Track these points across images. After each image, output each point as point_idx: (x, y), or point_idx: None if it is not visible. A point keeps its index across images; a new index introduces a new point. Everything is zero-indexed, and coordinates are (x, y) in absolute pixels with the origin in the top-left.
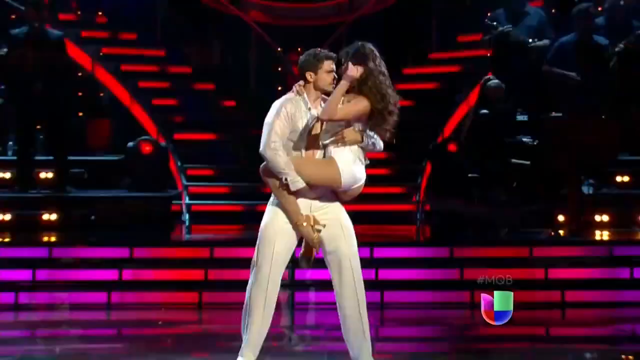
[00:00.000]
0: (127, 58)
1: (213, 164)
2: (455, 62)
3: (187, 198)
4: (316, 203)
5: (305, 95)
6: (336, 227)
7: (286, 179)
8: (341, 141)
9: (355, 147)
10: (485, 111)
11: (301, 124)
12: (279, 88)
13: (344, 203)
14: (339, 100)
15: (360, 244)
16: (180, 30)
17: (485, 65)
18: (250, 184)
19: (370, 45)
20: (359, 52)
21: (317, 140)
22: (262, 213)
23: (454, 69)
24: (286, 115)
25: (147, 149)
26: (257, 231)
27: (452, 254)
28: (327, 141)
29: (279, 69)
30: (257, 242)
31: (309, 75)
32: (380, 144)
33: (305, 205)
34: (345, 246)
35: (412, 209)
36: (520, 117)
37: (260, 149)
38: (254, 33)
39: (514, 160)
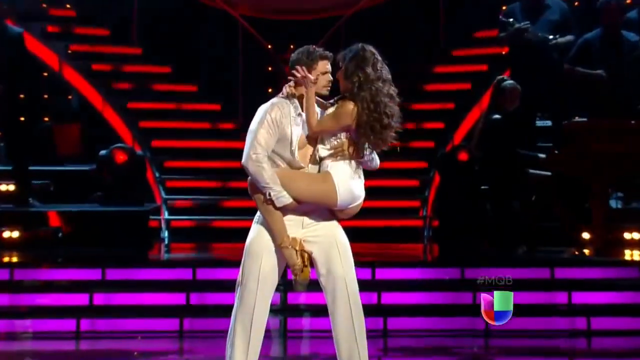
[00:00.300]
0: (99, 56)
1: (195, 174)
2: (471, 60)
3: (166, 213)
4: (308, 219)
5: (295, 98)
6: (331, 245)
7: (270, 194)
8: (340, 155)
9: (353, 162)
10: (497, 116)
11: (290, 132)
12: (270, 90)
13: (339, 220)
14: (313, 113)
15: (360, 265)
16: (159, 26)
17: (503, 64)
18: (236, 197)
19: (371, 48)
20: (357, 55)
21: (309, 150)
22: (248, 229)
23: (468, 67)
24: (271, 123)
25: (121, 158)
26: (243, 249)
27: (464, 276)
28: (325, 154)
29: (270, 68)
30: (242, 259)
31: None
32: (377, 160)
33: (295, 221)
34: (341, 267)
35: (418, 225)
36: (540, 123)
37: (242, 160)
38: (242, 29)
39: (531, 171)
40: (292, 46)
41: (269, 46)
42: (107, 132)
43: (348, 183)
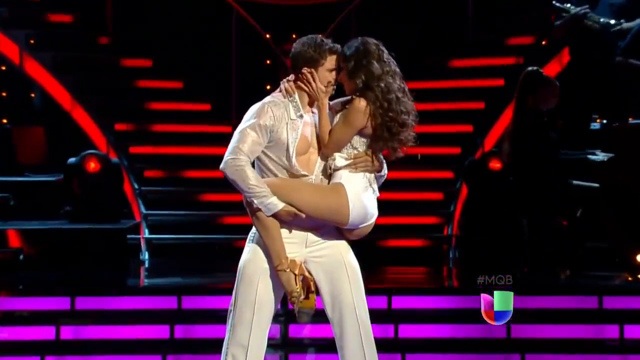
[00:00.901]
0: (66, 47)
1: (181, 186)
2: (505, 52)
3: (146, 231)
4: (313, 236)
5: (296, 96)
6: (339, 267)
7: (255, 201)
8: (360, 165)
9: (371, 175)
10: (532, 117)
11: (287, 136)
12: (268, 87)
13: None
14: (327, 128)
15: (373, 292)
16: (137, 10)
17: (543, 56)
18: (228, 212)
19: (373, 41)
20: (359, 50)
21: (313, 157)
22: (241, 250)
23: (500, 60)
24: (260, 127)
25: (93, 166)
26: (236, 272)
27: None
28: (342, 164)
29: (268, 61)
30: (235, 283)
31: (308, 72)
32: (385, 170)
33: (298, 239)
34: (351, 294)
35: (442, 246)
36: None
37: (220, 166)
38: (235, 14)
39: (576, 182)
40: (294, 35)
41: (267, 35)
42: (77, 136)
43: (362, 199)
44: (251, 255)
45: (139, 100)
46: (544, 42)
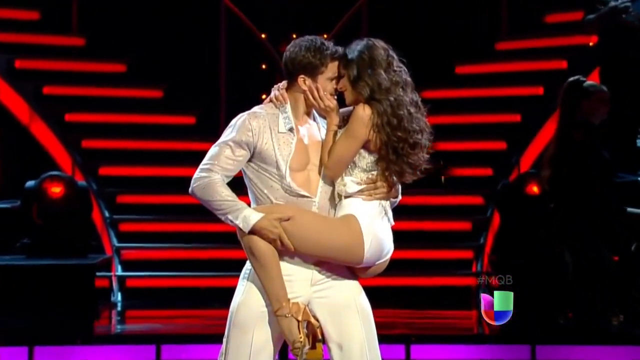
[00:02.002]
0: (25, 49)
1: (159, 214)
2: (543, 54)
3: (119, 268)
4: (319, 273)
5: (288, 106)
6: (348, 311)
7: (226, 216)
8: (378, 194)
9: (386, 202)
10: (576, 133)
11: (275, 152)
12: (263, 96)
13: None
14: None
15: (388, 339)
16: (108, 8)
17: (590, 59)
18: (215, 245)
19: (381, 44)
20: (364, 55)
21: (312, 175)
22: (231, 290)
23: (539, 65)
24: (239, 143)
25: (56, 191)
26: (227, 316)
27: (535, 356)
28: (354, 190)
29: (264, 66)
30: (226, 330)
31: (302, 80)
32: (399, 194)
33: (302, 276)
34: (362, 341)
35: (471, 284)
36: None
37: (190, 187)
38: (225, 10)
39: (630, 210)
40: (294, 36)
41: (263, 35)
42: (37, 154)
43: (378, 232)
44: (245, 297)
45: (110, 112)
46: (591, 44)
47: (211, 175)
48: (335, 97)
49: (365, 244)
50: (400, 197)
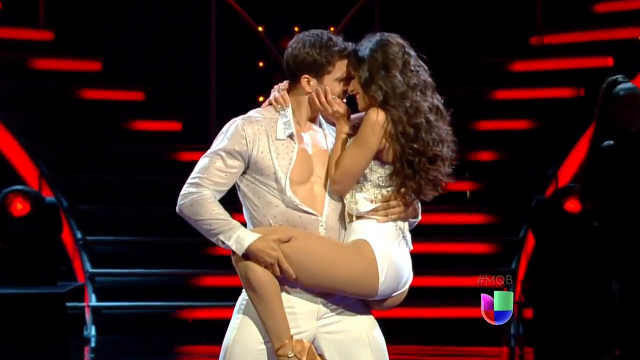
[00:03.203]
0: None
1: (140, 234)
2: (585, 50)
3: (92, 297)
4: (327, 304)
5: (289, 110)
6: (360, 347)
7: (217, 236)
8: (394, 213)
9: (404, 223)
10: (611, 142)
11: (273, 161)
12: (260, 98)
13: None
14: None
15: None
16: None
17: None
18: (206, 270)
19: (397, 40)
20: (376, 53)
21: (317, 187)
22: (224, 323)
23: (580, 62)
24: (230, 153)
25: (20, 207)
26: (218, 353)
27: None
28: (367, 209)
29: (261, 64)
30: None
31: (306, 81)
32: (419, 214)
33: (306, 308)
34: None
35: None
36: None
37: (177, 205)
38: (216, 0)
39: None
40: (296, 29)
41: (260, 28)
42: None
43: (395, 259)
44: (240, 333)
45: (83, 117)
46: None
47: (200, 191)
48: (345, 100)
49: (379, 274)
50: (420, 216)
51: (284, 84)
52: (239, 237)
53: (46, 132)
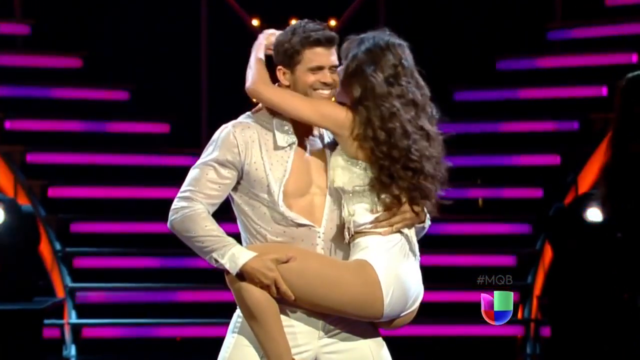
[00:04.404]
0: None
1: (125, 246)
2: (605, 45)
3: (73, 313)
4: (327, 325)
5: (282, 116)
6: None
7: (210, 254)
8: (398, 223)
9: (410, 232)
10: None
11: (267, 172)
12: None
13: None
14: (260, 68)
15: None
16: None
17: None
18: (195, 285)
19: (397, 46)
20: (370, 51)
21: (317, 199)
22: (217, 342)
23: (601, 59)
24: (224, 158)
25: None
26: None
27: None
28: (364, 221)
29: None
30: None
31: (281, 73)
32: (428, 220)
33: (308, 326)
34: None
35: (516, 335)
36: None
37: (168, 221)
38: None
39: None
40: (293, 21)
41: (255, 21)
42: None
43: (402, 277)
44: (236, 351)
45: (63, 119)
46: None
47: (192, 205)
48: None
49: (384, 297)
50: (427, 222)
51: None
52: (233, 255)
53: (23, 136)
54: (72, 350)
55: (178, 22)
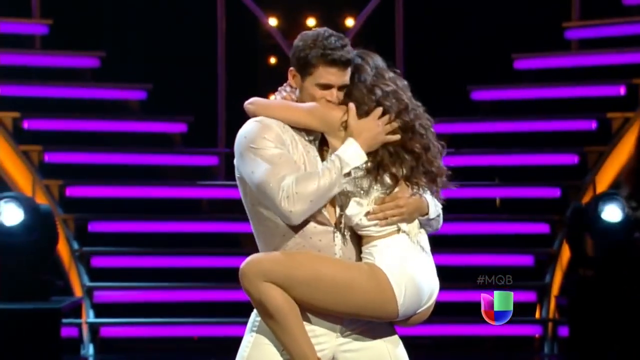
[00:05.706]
0: None
1: (142, 245)
2: (625, 43)
3: (90, 313)
4: (345, 324)
5: None
6: None
7: (338, 180)
8: (394, 216)
9: (415, 225)
10: None
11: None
12: (271, 96)
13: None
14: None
15: None
16: None
17: None
18: (212, 284)
19: (372, 62)
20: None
21: (327, 208)
22: (235, 341)
23: (620, 57)
24: (270, 137)
25: (11, 216)
26: None
27: None
28: (367, 222)
29: (273, 60)
30: None
31: (292, 75)
32: (435, 208)
33: (326, 326)
34: None
35: (533, 335)
36: None
37: (282, 211)
38: None
39: None
40: (310, 18)
41: (273, 21)
42: None
43: (414, 275)
44: (255, 351)
45: (80, 118)
46: None
47: (288, 182)
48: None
49: (397, 297)
50: (439, 212)
51: (288, 86)
52: (339, 158)
53: (41, 136)
54: (90, 350)
55: (195, 21)
